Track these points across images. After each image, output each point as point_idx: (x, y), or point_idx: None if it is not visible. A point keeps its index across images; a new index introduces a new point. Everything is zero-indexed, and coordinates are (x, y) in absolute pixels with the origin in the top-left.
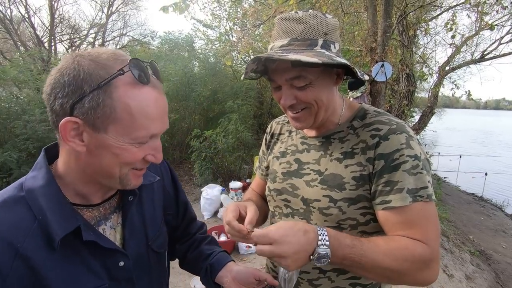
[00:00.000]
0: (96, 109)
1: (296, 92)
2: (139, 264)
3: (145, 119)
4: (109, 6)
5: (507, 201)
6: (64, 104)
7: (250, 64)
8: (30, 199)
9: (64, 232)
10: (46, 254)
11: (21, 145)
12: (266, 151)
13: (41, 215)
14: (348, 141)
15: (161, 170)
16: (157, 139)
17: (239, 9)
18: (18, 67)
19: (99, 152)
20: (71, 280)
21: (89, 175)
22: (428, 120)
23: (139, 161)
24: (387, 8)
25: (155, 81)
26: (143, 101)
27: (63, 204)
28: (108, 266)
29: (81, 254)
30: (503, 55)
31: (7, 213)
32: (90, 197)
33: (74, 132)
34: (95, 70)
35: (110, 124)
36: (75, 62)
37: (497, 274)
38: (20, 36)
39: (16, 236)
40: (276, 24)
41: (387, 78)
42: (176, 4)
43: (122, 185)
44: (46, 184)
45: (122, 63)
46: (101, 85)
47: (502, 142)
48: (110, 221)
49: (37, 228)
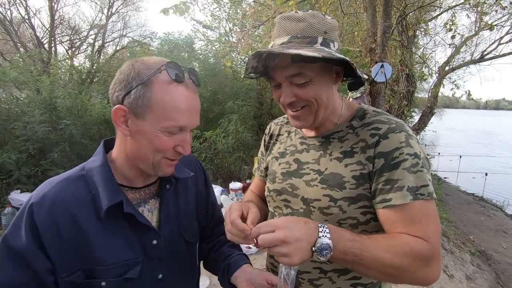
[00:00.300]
0: (138, 100)
1: (296, 90)
2: (172, 249)
3: (175, 111)
4: (109, 7)
5: (507, 201)
6: (119, 95)
7: (251, 60)
8: (88, 177)
9: (110, 203)
10: (95, 223)
11: (21, 146)
12: (265, 152)
13: (95, 189)
14: (348, 140)
15: (196, 169)
16: (186, 133)
17: (238, 10)
18: (18, 69)
19: (139, 137)
20: (112, 249)
21: (131, 159)
22: (428, 120)
23: (169, 150)
24: (387, 8)
25: (189, 83)
26: (174, 96)
27: (112, 183)
28: (143, 242)
29: (122, 226)
30: (503, 55)
31: (69, 186)
32: (133, 180)
33: (123, 119)
34: (142, 70)
35: (147, 113)
36: (130, 64)
37: (498, 275)
38: (20, 37)
39: (74, 204)
40: (276, 23)
41: (387, 78)
42: (176, 6)
43: (154, 171)
44: (101, 165)
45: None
46: (144, 81)
47: (502, 142)
48: (148, 204)
49: (90, 200)
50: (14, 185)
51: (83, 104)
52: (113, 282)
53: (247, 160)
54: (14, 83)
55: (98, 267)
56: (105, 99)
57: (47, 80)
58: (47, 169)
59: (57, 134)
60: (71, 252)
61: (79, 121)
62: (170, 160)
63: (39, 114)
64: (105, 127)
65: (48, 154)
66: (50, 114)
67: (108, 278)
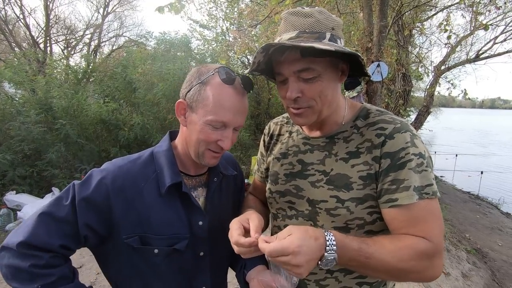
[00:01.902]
0: (195, 95)
1: (302, 86)
2: (213, 234)
3: (219, 108)
4: (105, 7)
5: (502, 199)
6: (183, 92)
7: (259, 54)
8: (155, 158)
9: (171, 181)
10: (156, 197)
11: (16, 147)
12: (265, 152)
13: (159, 169)
14: (353, 140)
15: (237, 170)
16: (229, 130)
17: (235, 9)
18: (13, 68)
19: (191, 127)
20: (167, 222)
21: (186, 147)
22: (424, 119)
23: (212, 142)
24: (383, 8)
25: (239, 86)
26: (221, 95)
27: (174, 165)
28: (191, 222)
29: (177, 204)
30: (498, 55)
31: (139, 164)
32: (188, 168)
33: (183, 111)
34: (203, 72)
35: (199, 107)
36: (196, 68)
37: (493, 272)
38: (15, 37)
39: (141, 179)
40: (283, 19)
41: (383, 77)
42: (171, 5)
43: (199, 160)
44: (166, 149)
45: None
46: (201, 81)
47: (497, 141)
48: (197, 191)
49: (155, 178)
50: (9, 186)
51: (79, 104)
52: (164, 250)
53: (245, 160)
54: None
55: (153, 235)
56: (101, 99)
57: (42, 80)
58: (42, 169)
59: (53, 135)
60: (133, 218)
61: (75, 121)
62: (213, 152)
63: (34, 114)
64: (101, 127)
65: (44, 155)
66: (45, 114)
67: (160, 246)
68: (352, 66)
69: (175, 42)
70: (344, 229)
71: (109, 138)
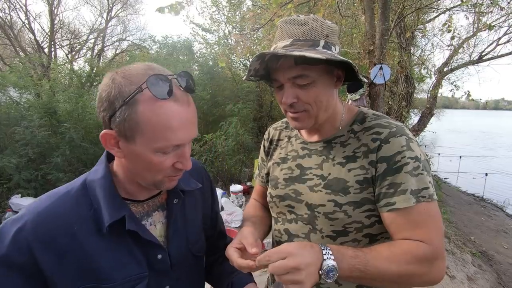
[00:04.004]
0: (125, 122)
1: (298, 91)
2: (179, 264)
3: (166, 131)
4: (109, 11)
5: (508, 201)
6: (105, 117)
7: (254, 62)
8: (90, 189)
9: (112, 219)
10: (97, 239)
11: (21, 151)
12: (266, 157)
13: (97, 204)
14: (350, 145)
15: (203, 179)
16: (184, 148)
17: (237, 13)
18: (18, 73)
19: (134, 159)
20: (117, 265)
21: (130, 176)
22: (427, 121)
23: (168, 169)
24: (385, 11)
25: (180, 93)
26: (163, 115)
27: (115, 196)
28: (149, 257)
29: (126, 242)
30: (501, 56)
31: (70, 200)
32: (135, 194)
33: (113, 141)
34: (124, 86)
35: (137, 136)
36: (110, 79)
37: (499, 275)
38: (20, 42)
39: (75, 220)
40: (279, 27)
41: (386, 80)
42: (171, 6)
43: (157, 187)
44: (103, 177)
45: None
46: (126, 101)
47: (502, 143)
48: (151, 217)
49: (92, 215)
50: (14, 190)
51: (83, 108)
52: None
53: (248, 163)
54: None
55: (103, 285)
56: None
57: (47, 84)
58: (47, 173)
59: (57, 138)
60: (73, 272)
61: (80, 124)
62: (172, 176)
63: (38, 118)
64: None
65: (49, 158)
66: (50, 118)
67: None
68: (349, 72)
69: (177, 45)
70: (343, 233)
71: None
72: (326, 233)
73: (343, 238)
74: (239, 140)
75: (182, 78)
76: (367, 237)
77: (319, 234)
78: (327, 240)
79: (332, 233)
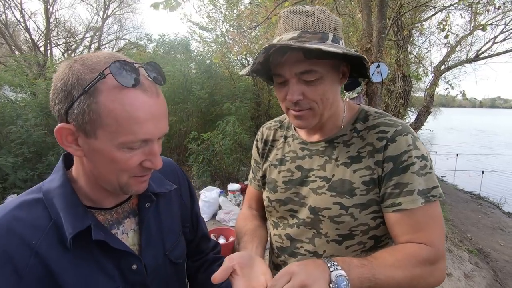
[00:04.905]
0: (84, 114)
1: (304, 88)
2: (157, 274)
3: (132, 124)
4: (105, 10)
5: (504, 199)
6: (60, 110)
7: (261, 54)
8: (46, 200)
9: (75, 231)
10: (61, 254)
11: (17, 150)
12: (260, 159)
13: (56, 215)
14: (354, 144)
15: (179, 180)
16: (152, 144)
17: (235, 11)
18: (12, 71)
19: (95, 157)
20: (85, 281)
21: (93, 180)
22: (424, 119)
23: (135, 168)
24: (382, 9)
25: (148, 83)
26: (128, 105)
27: (76, 205)
28: (122, 268)
29: (93, 254)
30: (497, 54)
31: (25, 213)
32: (101, 201)
33: (71, 137)
34: (83, 74)
35: (98, 129)
36: (67, 67)
37: (496, 272)
38: (15, 40)
39: (32, 234)
40: (283, 17)
41: (383, 78)
42: (166, 2)
43: (123, 191)
44: (61, 185)
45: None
46: (86, 90)
47: (499, 141)
48: (123, 225)
49: (52, 228)
50: (10, 190)
51: None
52: None
53: (245, 161)
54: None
55: None
56: None
57: (43, 83)
58: (43, 172)
59: (53, 137)
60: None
61: None
62: (140, 177)
63: (33, 117)
64: None
65: (45, 158)
66: (46, 117)
67: None
68: (353, 68)
69: (174, 44)
70: (349, 236)
71: None
72: (332, 237)
73: (349, 241)
74: (236, 139)
75: (151, 68)
76: (373, 239)
77: (324, 239)
78: (332, 245)
79: (338, 237)
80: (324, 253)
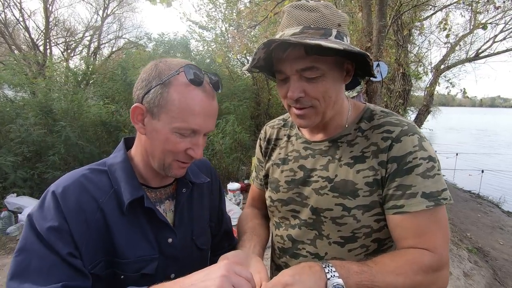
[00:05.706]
0: (155, 99)
1: (305, 85)
2: (185, 253)
3: (187, 113)
4: (104, 9)
5: (503, 198)
6: (139, 94)
7: (260, 50)
8: (110, 172)
9: (132, 197)
10: (118, 217)
11: (16, 149)
12: (263, 158)
13: (117, 184)
14: (358, 144)
15: (212, 177)
16: (199, 136)
17: (234, 11)
18: (12, 71)
19: (153, 136)
20: (132, 243)
21: (146, 159)
22: (424, 118)
23: (180, 152)
24: (382, 8)
25: (208, 87)
26: (189, 98)
27: (133, 178)
28: (159, 240)
29: (140, 223)
30: (497, 53)
31: (94, 176)
32: (149, 180)
33: (141, 117)
34: (163, 70)
35: (162, 113)
36: (153, 64)
37: (495, 271)
38: (15, 39)
39: (99, 194)
40: (286, 12)
41: (383, 77)
42: None
43: (165, 172)
44: (122, 161)
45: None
46: (163, 81)
47: (499, 140)
48: (164, 205)
49: (113, 194)
50: (10, 189)
51: (79, 106)
52: (131, 277)
53: (245, 161)
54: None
55: (118, 259)
56: (101, 101)
57: (42, 82)
58: (43, 171)
59: (53, 137)
60: (96, 241)
61: (76, 123)
62: (181, 162)
63: (33, 116)
64: (101, 128)
65: (44, 157)
66: (45, 117)
67: (126, 272)
68: (357, 66)
69: (174, 43)
70: (351, 239)
71: (109, 139)
72: (334, 239)
73: (352, 244)
74: (236, 138)
75: (213, 77)
76: (376, 242)
77: (326, 240)
78: (334, 247)
79: (340, 239)
80: (325, 255)
